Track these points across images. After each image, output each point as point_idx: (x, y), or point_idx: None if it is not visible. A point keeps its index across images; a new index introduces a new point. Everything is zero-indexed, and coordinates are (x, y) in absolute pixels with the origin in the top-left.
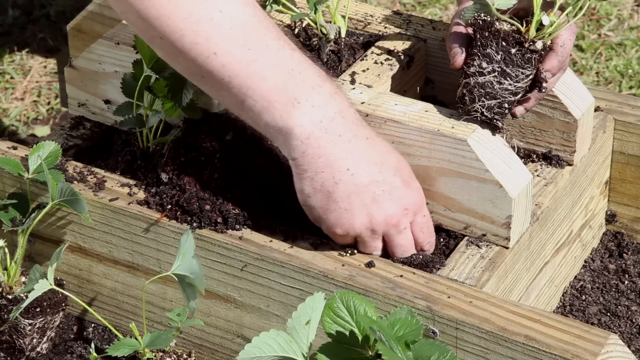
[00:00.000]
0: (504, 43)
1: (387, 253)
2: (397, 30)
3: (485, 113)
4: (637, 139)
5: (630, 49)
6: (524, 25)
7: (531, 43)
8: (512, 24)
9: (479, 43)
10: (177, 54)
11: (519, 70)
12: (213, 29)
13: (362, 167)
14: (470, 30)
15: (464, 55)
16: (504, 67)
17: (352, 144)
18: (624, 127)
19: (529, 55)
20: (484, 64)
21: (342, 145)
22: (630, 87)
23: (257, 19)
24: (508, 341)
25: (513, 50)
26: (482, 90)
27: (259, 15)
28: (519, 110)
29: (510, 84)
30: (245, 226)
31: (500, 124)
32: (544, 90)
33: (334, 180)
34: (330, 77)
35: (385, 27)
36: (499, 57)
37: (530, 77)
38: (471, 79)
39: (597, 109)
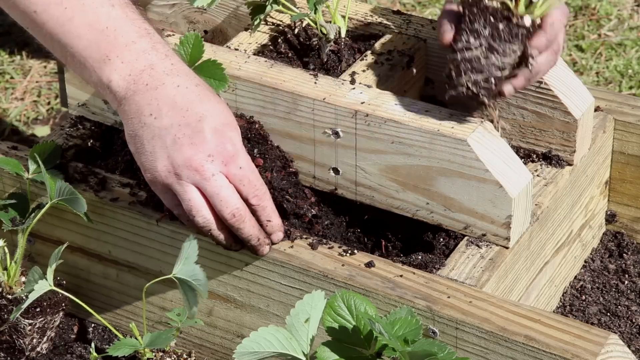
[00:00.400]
0: (492, 18)
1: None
2: (397, 30)
3: (471, 87)
4: (637, 139)
5: (630, 49)
6: (514, 2)
7: (519, 19)
8: (502, 1)
9: (467, 19)
10: (9, 7)
11: (506, 45)
12: None
13: (165, 111)
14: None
15: (452, 31)
16: (491, 42)
17: (157, 91)
18: (624, 127)
19: (516, 30)
20: (472, 39)
21: (148, 93)
22: (630, 87)
23: None
24: (508, 341)
25: (501, 26)
26: (469, 65)
27: None
28: (508, 88)
29: (497, 59)
30: None
31: (486, 100)
32: (531, 67)
33: (140, 124)
34: (150, 33)
35: (385, 27)
36: (486, 32)
37: (518, 53)
38: (458, 54)
39: (597, 109)
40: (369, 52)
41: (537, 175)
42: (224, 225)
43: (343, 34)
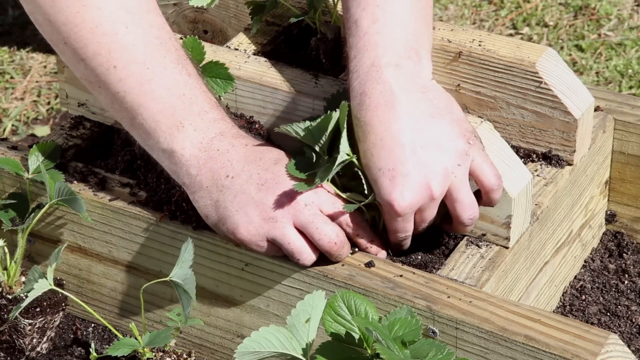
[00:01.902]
0: None
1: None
2: None
3: None
4: (637, 139)
5: (630, 49)
6: None
7: None
8: None
9: None
10: (78, 61)
11: None
12: (116, 44)
13: (240, 167)
14: None
15: None
16: None
17: (229, 154)
18: (624, 127)
19: None
20: None
21: (220, 157)
22: (630, 87)
23: (160, 41)
24: (508, 341)
25: None
26: None
27: (163, 37)
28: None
29: None
30: None
31: None
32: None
33: (218, 189)
34: (219, 107)
35: None
36: None
37: None
38: None
39: (597, 109)
40: None
41: (537, 175)
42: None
43: (342, 34)
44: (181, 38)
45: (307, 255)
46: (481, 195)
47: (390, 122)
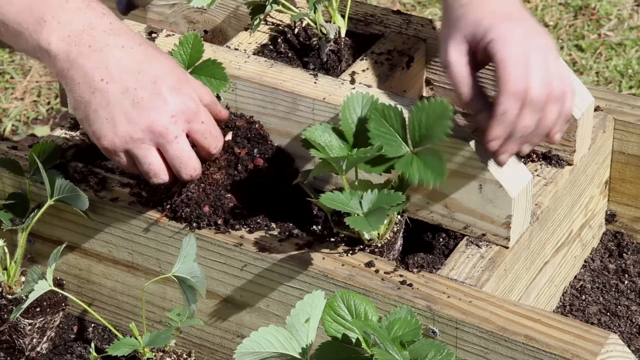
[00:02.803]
0: None
1: (173, 174)
2: (397, 30)
3: None
4: (637, 139)
5: (630, 48)
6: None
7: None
8: None
9: None
10: None
11: None
12: None
13: (117, 75)
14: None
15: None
16: None
17: (103, 54)
18: (624, 127)
19: None
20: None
21: (92, 55)
22: (630, 87)
23: None
24: (508, 341)
25: None
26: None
27: None
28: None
29: None
30: (245, 226)
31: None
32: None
33: (90, 90)
34: None
35: (385, 27)
36: None
37: None
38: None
39: (597, 109)
40: (369, 52)
41: (537, 175)
42: (174, 177)
43: (343, 34)
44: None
45: (161, 178)
46: None
47: None
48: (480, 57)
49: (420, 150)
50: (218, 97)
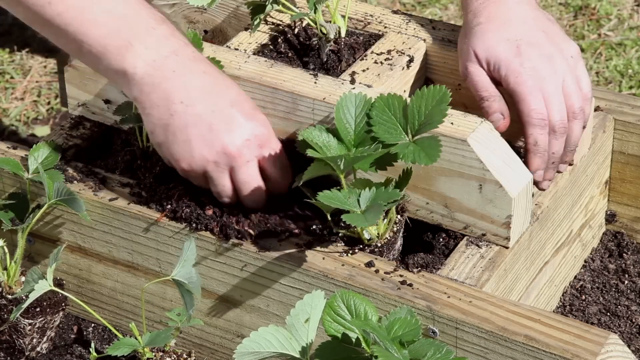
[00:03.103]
0: None
1: (239, 199)
2: (397, 30)
3: None
4: (637, 139)
5: (630, 48)
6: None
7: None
8: None
9: None
10: (16, 3)
11: None
12: None
13: (196, 98)
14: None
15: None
16: None
17: (185, 78)
18: (624, 127)
19: None
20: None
21: (175, 79)
22: (630, 87)
23: None
24: (508, 341)
25: None
26: None
27: None
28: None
29: None
30: (246, 227)
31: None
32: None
33: (169, 112)
34: (166, 21)
35: (385, 27)
36: None
37: None
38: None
39: (597, 109)
40: (369, 52)
41: None
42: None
43: (343, 34)
44: None
45: (230, 200)
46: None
47: None
48: (495, 78)
49: (418, 138)
50: None
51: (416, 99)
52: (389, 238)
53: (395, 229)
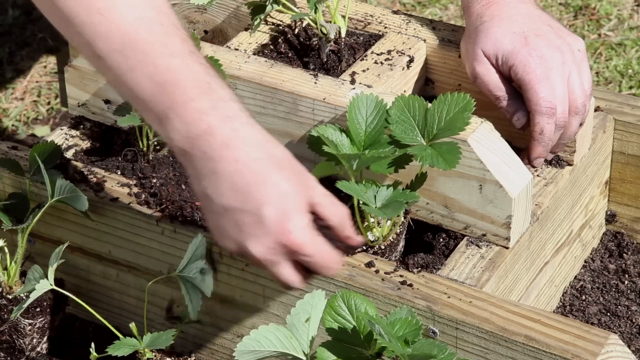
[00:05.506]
0: None
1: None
2: (397, 30)
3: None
4: (637, 139)
5: (630, 49)
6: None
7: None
8: None
9: None
10: (80, 49)
11: None
12: (93, 34)
13: (226, 192)
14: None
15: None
16: None
17: (217, 166)
18: (624, 127)
19: None
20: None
21: (205, 162)
22: (630, 87)
23: (140, 22)
24: (508, 341)
25: None
26: None
27: (146, 18)
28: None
29: None
30: None
31: None
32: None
33: (202, 191)
34: (213, 88)
35: (385, 27)
36: None
37: None
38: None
39: (597, 109)
40: (369, 52)
41: (537, 175)
42: None
43: (343, 34)
44: None
45: (296, 285)
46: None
47: None
48: (504, 74)
49: (436, 142)
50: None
51: (438, 103)
52: (392, 240)
53: (398, 230)
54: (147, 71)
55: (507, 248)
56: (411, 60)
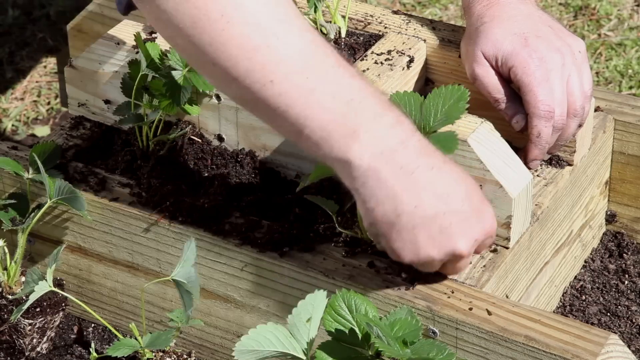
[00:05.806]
0: None
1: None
2: (397, 30)
3: None
4: (637, 139)
5: (630, 49)
6: None
7: None
8: None
9: None
10: (230, 81)
11: None
12: (269, 56)
13: (427, 199)
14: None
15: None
16: None
17: (414, 176)
18: (624, 127)
19: None
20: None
21: (404, 177)
22: (630, 87)
23: (316, 45)
24: (508, 341)
25: None
26: None
27: (318, 41)
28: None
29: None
30: (245, 227)
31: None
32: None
33: (396, 212)
34: (392, 105)
35: (385, 27)
36: None
37: None
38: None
39: (597, 109)
40: (369, 52)
41: (537, 176)
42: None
43: (343, 34)
44: None
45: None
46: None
47: None
48: (504, 75)
49: (434, 134)
50: (218, 97)
51: (433, 96)
52: None
53: None
54: (330, 90)
55: (507, 248)
56: (411, 61)
